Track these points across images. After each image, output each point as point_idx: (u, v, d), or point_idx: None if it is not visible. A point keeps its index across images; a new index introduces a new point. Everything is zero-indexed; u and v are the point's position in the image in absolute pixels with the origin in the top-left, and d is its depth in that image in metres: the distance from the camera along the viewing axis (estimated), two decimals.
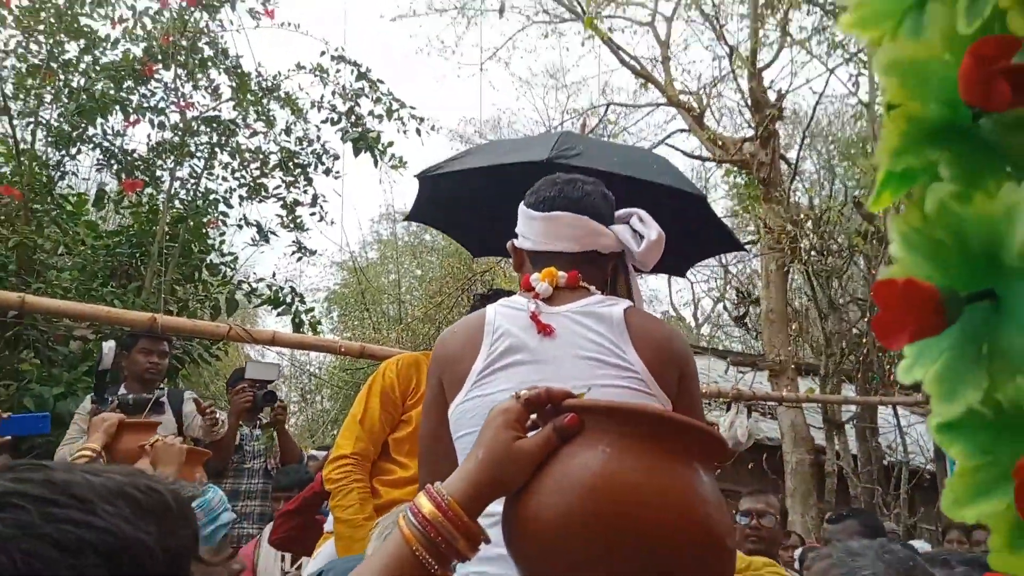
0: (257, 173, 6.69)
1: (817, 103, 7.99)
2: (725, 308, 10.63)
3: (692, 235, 3.65)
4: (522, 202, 1.62)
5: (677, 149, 9.05)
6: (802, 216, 7.05)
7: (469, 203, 3.60)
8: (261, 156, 6.60)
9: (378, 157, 6.04)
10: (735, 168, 8.21)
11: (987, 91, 0.35)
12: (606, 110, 9.76)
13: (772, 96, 7.57)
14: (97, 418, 2.50)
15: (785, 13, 7.87)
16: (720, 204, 11.29)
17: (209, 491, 2.23)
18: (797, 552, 5.07)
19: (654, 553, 0.78)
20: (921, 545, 5.40)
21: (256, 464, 4.49)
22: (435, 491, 0.81)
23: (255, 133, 6.63)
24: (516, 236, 1.62)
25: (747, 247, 7.68)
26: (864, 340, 7.38)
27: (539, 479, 0.82)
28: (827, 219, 7.22)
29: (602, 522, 0.78)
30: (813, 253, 7.10)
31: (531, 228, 1.57)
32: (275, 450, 4.59)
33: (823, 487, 7.36)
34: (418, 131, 7.07)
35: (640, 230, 1.59)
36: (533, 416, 0.89)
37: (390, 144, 6.64)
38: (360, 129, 6.07)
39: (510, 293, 2.40)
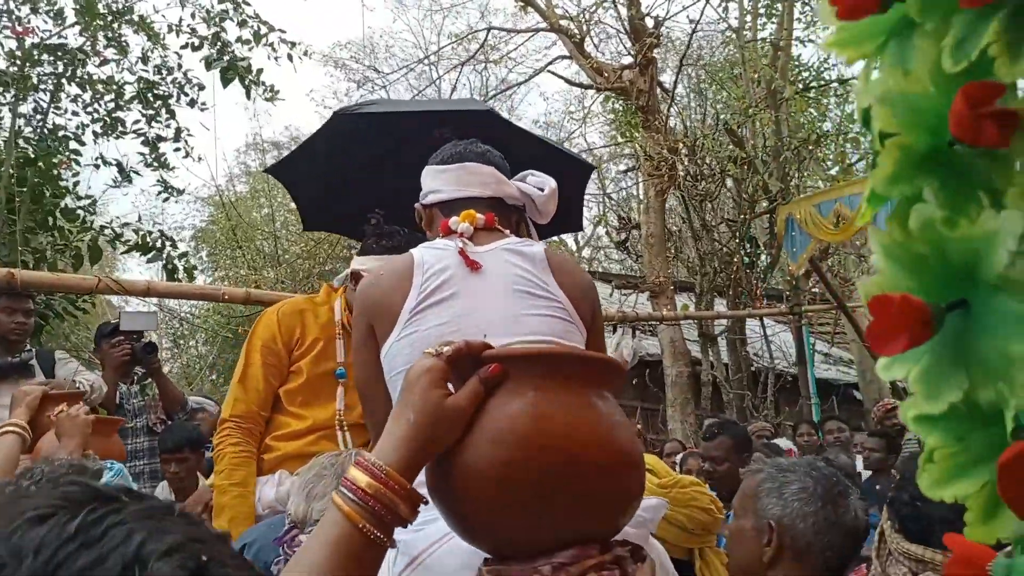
0: (112, 106, 6.11)
1: (693, 31, 8.18)
2: (607, 232, 10.99)
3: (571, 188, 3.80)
4: (427, 166, 1.70)
5: (559, 76, 9.06)
6: (678, 143, 7.32)
7: (342, 163, 3.57)
8: (115, 87, 6.01)
9: (251, 88, 5.66)
10: (614, 95, 8.33)
11: (977, 131, 0.40)
12: (486, 35, 9.56)
13: (650, 23, 7.68)
14: (18, 391, 2.33)
15: None
16: (600, 131, 11.48)
17: (109, 470, 2.12)
18: (679, 457, 5.49)
19: (586, 484, 0.82)
20: (784, 443, 5.98)
21: (139, 422, 4.28)
22: (370, 463, 0.80)
23: (106, 61, 6.02)
24: (419, 199, 1.70)
25: (627, 173, 7.98)
26: (734, 259, 7.90)
27: (471, 433, 0.83)
28: (700, 145, 7.54)
29: (540, 466, 0.80)
30: (687, 178, 7.41)
31: (442, 180, 1.65)
32: (156, 402, 4.39)
33: (700, 396, 7.95)
34: (290, 57, 6.67)
35: (536, 183, 1.68)
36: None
37: (260, 72, 6.24)
38: (228, 57, 5.64)
39: (413, 233, 2.41)
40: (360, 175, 3.77)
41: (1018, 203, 0.40)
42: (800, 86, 9.44)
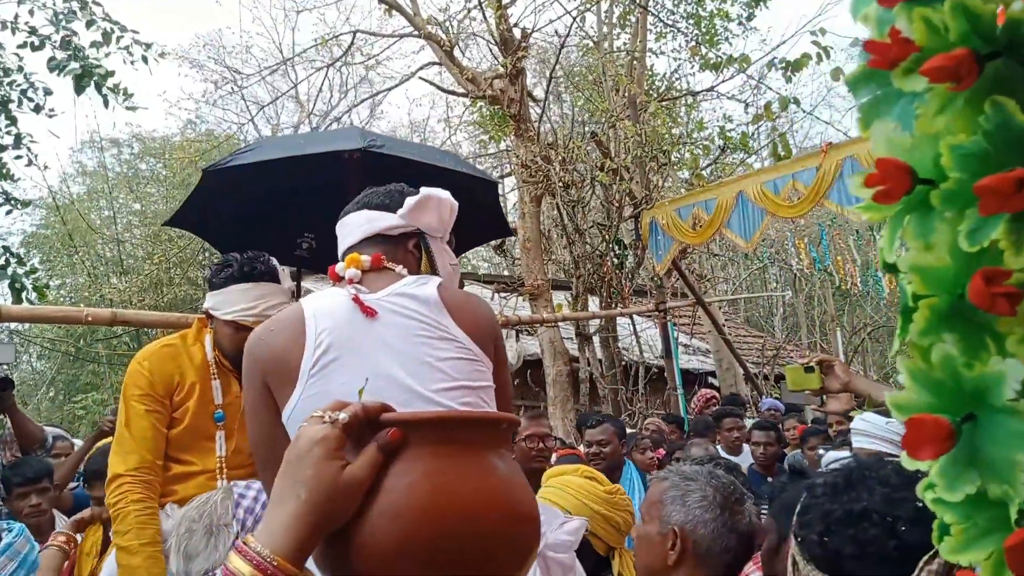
0: None
1: (562, 46, 8.48)
2: None
3: (477, 219, 3.98)
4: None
5: (430, 83, 9.08)
6: (551, 151, 7.60)
7: (246, 201, 3.57)
8: None
9: (107, 97, 5.25)
10: (486, 103, 8.49)
11: (992, 303, 0.55)
12: (352, 38, 9.39)
13: (517, 33, 7.89)
14: None
15: None
16: (465, 134, 11.60)
17: (8, 531, 1.92)
18: (554, 458, 5.77)
19: (487, 550, 0.82)
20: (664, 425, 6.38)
21: None
22: (254, 551, 0.73)
23: None
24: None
25: (498, 181, 8.15)
26: (604, 260, 8.32)
27: (370, 505, 0.78)
28: (571, 154, 7.86)
29: (440, 538, 0.78)
30: (560, 185, 7.71)
31: (338, 241, 1.65)
32: (11, 439, 4.04)
33: (578, 392, 8.31)
34: (145, 59, 6.28)
35: (408, 200, 1.64)
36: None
37: (118, 81, 5.81)
38: (81, 63, 5.21)
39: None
40: (259, 207, 3.71)
41: (1018, 348, 0.56)
42: (655, 96, 10.05)
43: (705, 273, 10.35)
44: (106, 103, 5.31)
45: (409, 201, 1.60)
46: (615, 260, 8.06)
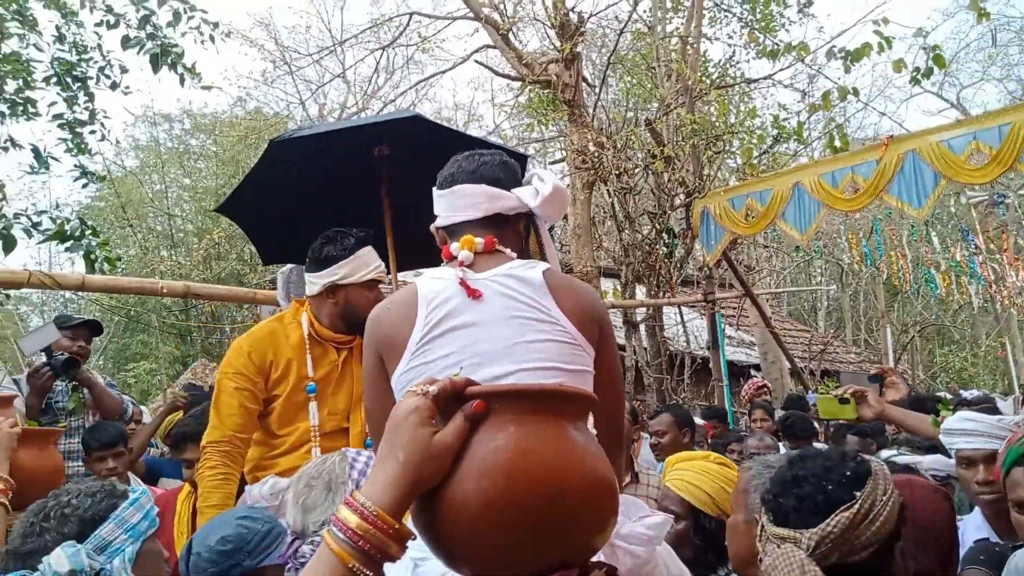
0: (18, 85, 5.66)
1: (621, 32, 8.43)
2: None
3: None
4: (434, 186, 1.71)
5: (486, 67, 9.11)
6: (604, 138, 7.59)
7: (286, 193, 3.67)
8: (22, 64, 5.57)
9: (184, 77, 5.39)
10: (539, 88, 8.50)
11: None
12: (408, 19, 9.46)
13: (575, 18, 7.87)
14: None
15: None
16: (513, 121, 11.60)
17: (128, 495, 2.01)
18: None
19: (567, 513, 0.87)
20: (699, 420, 6.42)
21: (73, 422, 4.12)
22: (359, 504, 0.83)
23: (6, 36, 5.55)
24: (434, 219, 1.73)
25: (530, 156, 8.17)
26: (653, 248, 8.30)
27: (457, 468, 0.86)
28: (624, 140, 7.84)
29: (524, 498, 0.85)
30: (613, 172, 7.71)
31: (440, 205, 1.69)
32: (90, 404, 4.23)
33: (624, 379, 8.35)
34: (212, 38, 6.42)
35: (538, 187, 1.69)
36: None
37: (183, 57, 5.95)
38: (159, 43, 5.35)
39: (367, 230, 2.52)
40: (307, 202, 3.78)
41: None
42: (709, 83, 9.94)
43: (753, 265, 10.26)
44: (182, 82, 5.45)
45: (543, 190, 1.67)
46: (664, 249, 8.04)
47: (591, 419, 1.51)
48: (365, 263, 2.52)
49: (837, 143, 8.37)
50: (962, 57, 20.99)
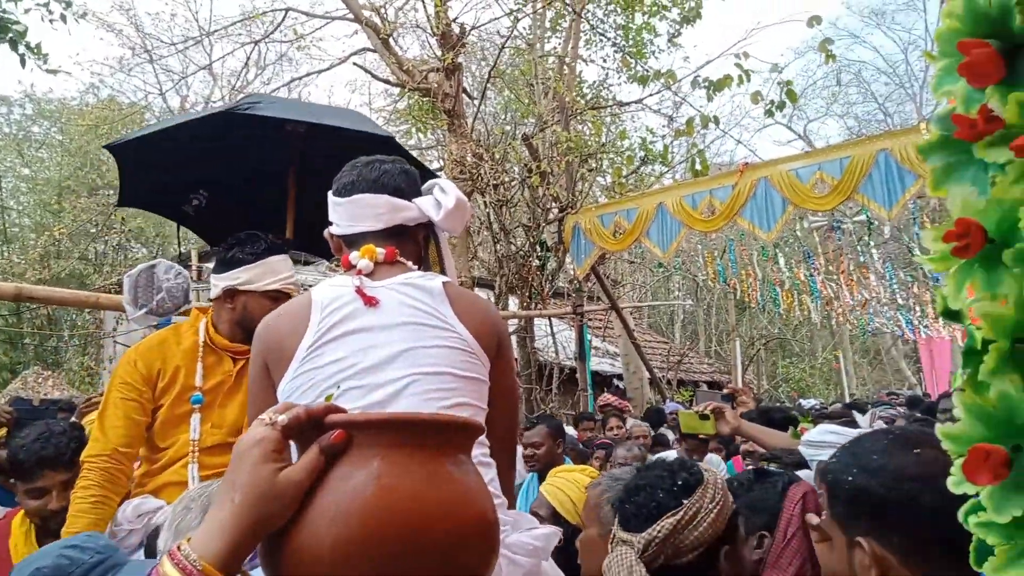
0: None
1: (502, 48, 8.52)
2: None
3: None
4: (330, 191, 1.66)
5: (364, 70, 8.91)
6: (483, 150, 7.63)
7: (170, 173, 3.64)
8: None
9: (25, 57, 4.87)
10: (420, 95, 8.42)
11: None
12: (284, 15, 9.09)
13: (456, 29, 7.87)
14: None
15: None
16: (392, 126, 11.46)
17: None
18: None
19: (433, 559, 0.77)
20: (570, 430, 6.56)
21: None
22: (182, 556, 0.73)
23: None
24: (330, 224, 1.67)
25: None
26: (527, 261, 8.43)
27: (309, 507, 0.76)
28: (502, 153, 7.92)
29: (383, 546, 0.74)
30: (489, 184, 7.76)
31: (338, 214, 1.64)
32: None
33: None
34: (63, 18, 5.91)
35: (441, 199, 1.66)
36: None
37: (25, 35, 5.40)
38: None
39: (274, 241, 2.43)
40: (195, 159, 3.65)
41: None
42: (584, 103, 10.27)
43: (618, 279, 10.67)
44: (23, 63, 4.92)
45: (446, 202, 1.64)
46: (538, 261, 8.19)
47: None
48: (272, 271, 2.36)
49: (698, 167, 8.88)
50: (809, 93, 23.02)
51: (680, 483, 1.54)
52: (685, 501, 1.51)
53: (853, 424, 2.52)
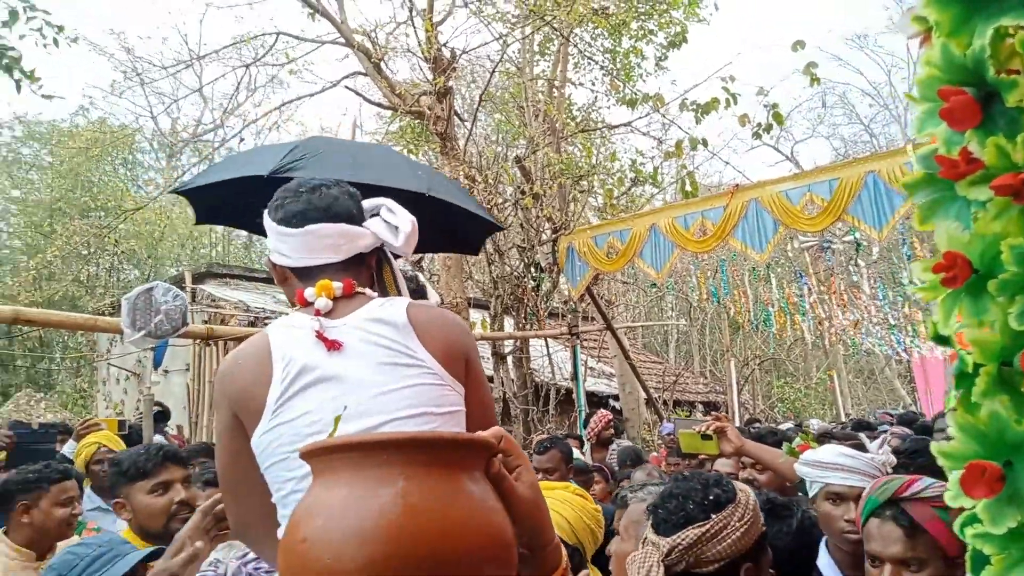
0: None
1: (493, 72, 8.63)
2: None
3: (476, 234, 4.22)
4: (267, 216, 1.58)
5: (356, 93, 9.00)
6: (476, 171, 7.70)
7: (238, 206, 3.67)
8: None
9: (20, 83, 4.92)
10: (411, 118, 8.51)
11: None
12: (275, 39, 9.19)
13: (447, 53, 7.98)
14: None
15: None
16: (393, 148, 11.52)
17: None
18: None
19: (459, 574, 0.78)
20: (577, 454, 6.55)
21: None
22: None
23: None
24: (271, 251, 1.60)
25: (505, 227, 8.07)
26: (521, 282, 8.48)
27: (334, 526, 0.77)
28: (495, 175, 8.00)
29: (413, 564, 0.76)
30: (484, 205, 7.83)
31: (288, 245, 1.55)
32: None
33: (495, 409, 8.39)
34: (56, 41, 5.97)
35: (392, 221, 1.62)
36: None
37: (20, 61, 5.46)
38: None
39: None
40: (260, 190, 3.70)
41: None
42: (574, 125, 10.39)
43: (612, 299, 10.74)
44: (19, 88, 4.97)
45: (403, 227, 1.61)
46: (532, 282, 8.24)
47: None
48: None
49: (688, 188, 8.99)
50: (796, 115, 23.34)
51: (711, 498, 1.62)
52: (714, 516, 1.58)
53: (862, 447, 2.48)
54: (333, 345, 1.41)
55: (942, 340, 0.78)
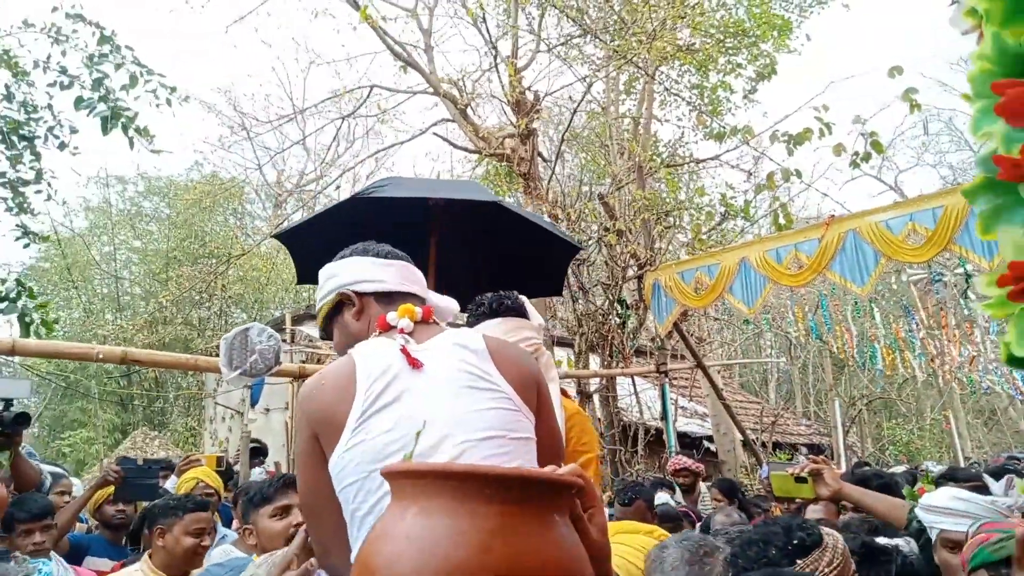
0: None
1: (574, 112, 8.73)
2: None
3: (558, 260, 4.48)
4: (354, 256, 1.73)
5: (444, 139, 9.30)
6: (559, 210, 7.74)
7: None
8: None
9: (135, 140, 5.35)
10: (496, 161, 8.68)
11: None
12: (369, 92, 9.64)
13: (531, 96, 8.13)
14: None
15: (540, 18, 8.43)
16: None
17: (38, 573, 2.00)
18: None
19: None
20: (661, 496, 6.30)
21: None
22: None
23: None
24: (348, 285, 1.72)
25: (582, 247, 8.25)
26: (606, 319, 8.37)
27: (424, 562, 0.77)
28: (578, 213, 8.01)
29: None
30: None
31: (386, 272, 1.69)
32: (5, 476, 3.97)
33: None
34: (169, 102, 6.44)
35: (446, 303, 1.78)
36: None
37: (135, 120, 5.93)
38: (111, 105, 5.32)
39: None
40: (346, 240, 4.03)
41: None
42: (659, 161, 10.30)
43: (704, 336, 10.43)
44: (132, 145, 5.41)
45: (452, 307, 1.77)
46: (617, 319, 8.12)
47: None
48: (517, 327, 2.42)
49: (782, 221, 8.68)
50: (898, 143, 22.29)
51: (795, 542, 1.53)
52: (800, 561, 1.48)
53: (984, 490, 2.27)
54: (415, 362, 1.46)
55: (1018, 362, 0.69)
